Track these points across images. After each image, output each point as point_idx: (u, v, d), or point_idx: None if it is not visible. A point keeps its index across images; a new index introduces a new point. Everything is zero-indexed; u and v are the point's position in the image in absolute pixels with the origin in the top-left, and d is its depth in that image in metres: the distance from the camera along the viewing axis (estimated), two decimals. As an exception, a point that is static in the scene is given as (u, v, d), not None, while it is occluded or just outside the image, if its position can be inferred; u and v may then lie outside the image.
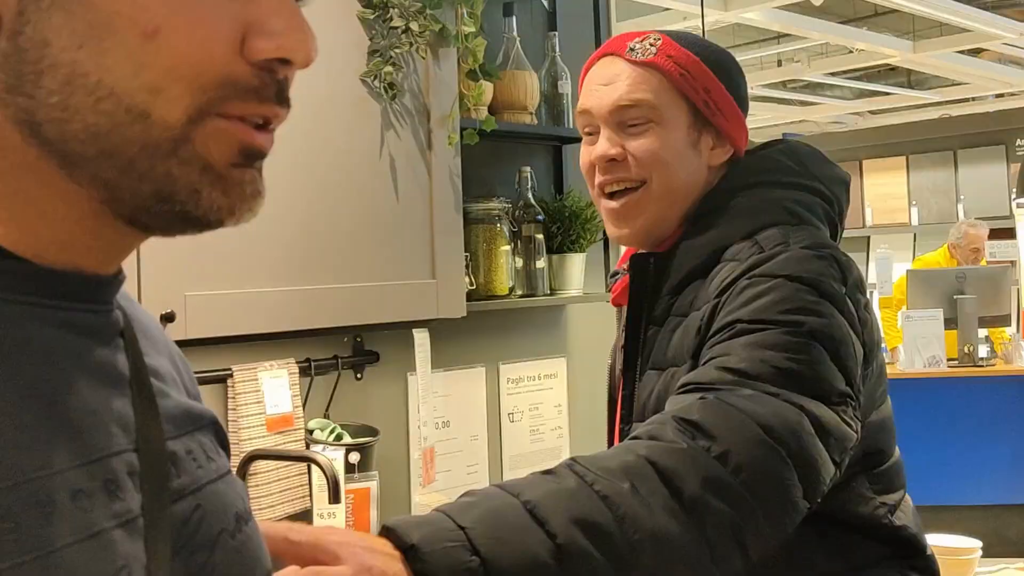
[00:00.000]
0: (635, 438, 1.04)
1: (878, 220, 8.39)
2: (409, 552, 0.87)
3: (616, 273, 1.42)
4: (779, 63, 7.41)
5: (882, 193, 8.37)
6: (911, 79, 8.13)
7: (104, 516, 0.53)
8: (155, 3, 0.52)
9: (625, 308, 1.38)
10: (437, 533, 0.88)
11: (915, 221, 8.24)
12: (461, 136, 2.21)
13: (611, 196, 1.34)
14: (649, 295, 1.33)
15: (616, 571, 0.91)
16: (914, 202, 8.21)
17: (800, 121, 9.37)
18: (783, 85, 8.20)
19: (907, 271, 5.63)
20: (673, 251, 1.31)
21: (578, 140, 2.87)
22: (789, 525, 1.04)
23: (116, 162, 0.53)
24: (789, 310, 1.14)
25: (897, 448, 1.34)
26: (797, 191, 1.32)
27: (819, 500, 1.07)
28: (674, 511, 0.95)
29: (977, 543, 2.23)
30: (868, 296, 1.27)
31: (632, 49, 1.30)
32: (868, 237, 8.35)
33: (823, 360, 1.12)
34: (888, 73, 7.92)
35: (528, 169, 2.56)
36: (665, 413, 1.07)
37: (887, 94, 8.32)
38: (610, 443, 1.44)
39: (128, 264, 1.98)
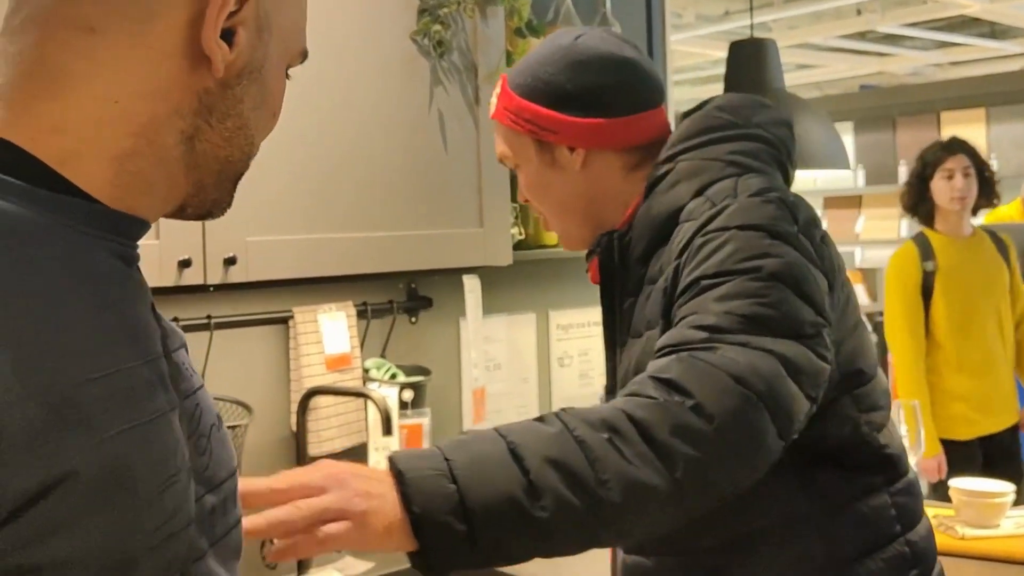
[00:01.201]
0: (622, 396, 1.13)
1: (956, 173, 8.25)
2: (397, 477, 1.00)
3: (591, 252, 1.49)
4: (858, 12, 7.31)
5: (960, 146, 8.22)
6: (994, 30, 7.94)
7: (163, 403, 0.69)
8: (279, 95, 0.80)
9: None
10: (425, 462, 1.01)
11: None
12: (509, 91, 2.31)
13: None
14: (619, 269, 1.42)
15: (586, 510, 1.02)
16: (993, 155, 8.02)
17: (877, 73, 9.19)
18: (861, 36, 8.07)
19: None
20: (631, 225, 1.41)
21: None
22: (762, 466, 1.13)
23: (218, 178, 0.77)
24: (746, 258, 1.21)
25: (881, 373, 1.40)
26: (737, 142, 1.38)
27: (795, 435, 1.16)
28: (645, 457, 1.04)
29: (1009, 487, 2.28)
30: (823, 231, 1.33)
31: (489, 105, 1.48)
32: (945, 191, 8.23)
33: (788, 298, 1.19)
34: (970, 23, 7.74)
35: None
36: (644, 374, 1.15)
37: (966, 45, 8.14)
38: None
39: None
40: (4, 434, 0.57)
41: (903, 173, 8.45)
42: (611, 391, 1.45)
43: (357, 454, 2.24)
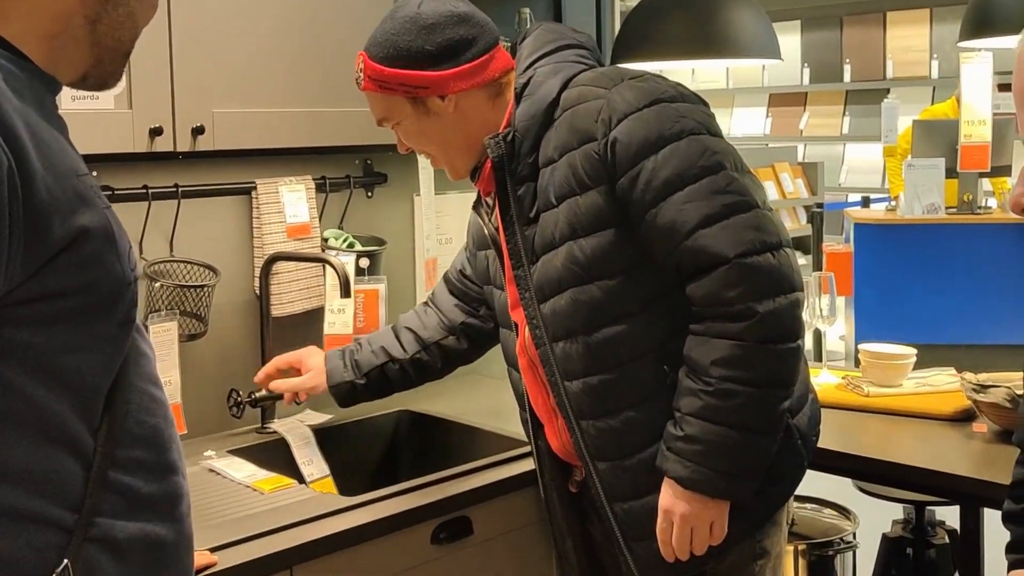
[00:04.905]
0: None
1: (898, 73, 8.41)
2: None
3: (475, 169, 1.75)
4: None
5: (903, 46, 8.37)
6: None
7: (105, 199, 1.02)
8: None
9: (485, 206, 1.80)
10: None
11: (935, 75, 8.27)
12: (460, -24, 2.42)
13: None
14: (508, 163, 1.68)
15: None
16: (935, 56, 8.23)
17: (827, -28, 9.28)
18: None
19: (913, 121, 5.75)
20: (512, 125, 1.68)
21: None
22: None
23: (114, 53, 1.06)
24: (702, 163, 1.58)
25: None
26: (573, 49, 1.72)
27: None
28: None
29: (911, 351, 2.51)
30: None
31: (357, 81, 1.71)
32: (887, 89, 8.40)
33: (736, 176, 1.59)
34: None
35: (527, 11, 2.77)
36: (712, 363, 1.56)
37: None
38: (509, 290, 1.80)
39: (162, 83, 2.29)
40: (50, 202, 0.90)
41: (848, 72, 8.64)
42: (517, 264, 1.71)
43: (315, 316, 2.41)
